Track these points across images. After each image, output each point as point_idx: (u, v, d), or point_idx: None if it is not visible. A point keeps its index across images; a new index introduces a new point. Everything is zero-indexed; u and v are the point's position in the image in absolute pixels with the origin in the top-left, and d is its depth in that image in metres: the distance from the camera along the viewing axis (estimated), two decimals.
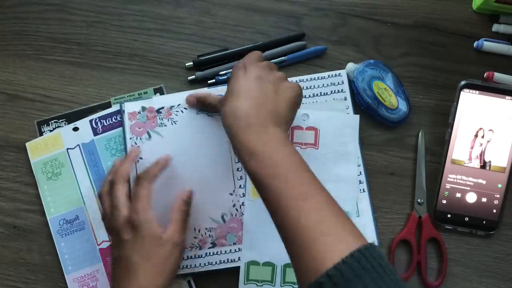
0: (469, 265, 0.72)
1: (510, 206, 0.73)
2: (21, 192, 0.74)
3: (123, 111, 0.73)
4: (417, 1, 0.78)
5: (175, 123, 0.73)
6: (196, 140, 0.72)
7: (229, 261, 0.70)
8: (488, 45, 0.75)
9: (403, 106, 0.73)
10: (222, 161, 0.72)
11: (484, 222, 0.72)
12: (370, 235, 0.70)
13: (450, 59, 0.76)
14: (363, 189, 0.72)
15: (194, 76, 0.75)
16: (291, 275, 0.70)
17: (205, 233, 0.71)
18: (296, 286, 0.61)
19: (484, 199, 0.72)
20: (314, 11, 0.77)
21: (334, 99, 0.74)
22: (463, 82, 0.73)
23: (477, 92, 0.73)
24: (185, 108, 0.73)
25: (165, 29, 0.77)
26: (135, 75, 0.76)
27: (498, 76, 0.74)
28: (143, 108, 0.73)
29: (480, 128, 0.72)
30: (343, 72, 0.74)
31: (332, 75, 0.74)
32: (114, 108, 0.75)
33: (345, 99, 0.74)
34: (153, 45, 0.77)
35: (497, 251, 0.73)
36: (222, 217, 0.71)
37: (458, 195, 0.72)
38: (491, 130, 0.72)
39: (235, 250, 0.70)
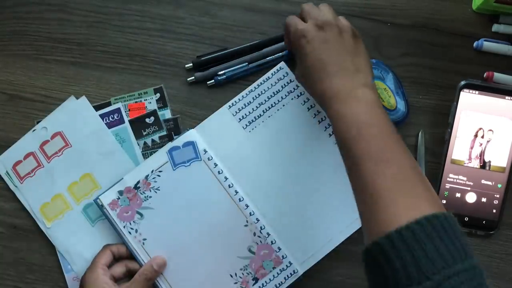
0: None
1: (510, 206, 0.73)
2: None
3: (101, 205, 0.71)
4: (417, 1, 0.78)
5: (158, 190, 0.71)
6: (187, 194, 0.71)
7: (279, 285, 0.69)
8: (488, 45, 0.75)
9: (401, 107, 0.73)
10: (221, 200, 0.71)
11: (484, 222, 0.72)
12: None
13: (450, 59, 0.76)
14: None
15: (193, 77, 0.75)
16: None
17: (243, 274, 0.69)
18: None
19: (484, 199, 0.72)
20: None
21: (288, 94, 0.74)
22: (463, 82, 0.73)
23: (477, 92, 0.73)
24: (160, 171, 0.71)
25: (165, 29, 0.77)
26: (135, 75, 0.76)
27: (498, 76, 0.74)
28: (120, 192, 0.71)
29: (480, 128, 0.73)
30: (282, 64, 0.74)
31: (274, 72, 0.74)
32: (114, 107, 0.75)
33: (297, 87, 0.74)
34: (153, 45, 0.77)
35: (497, 251, 0.73)
36: (250, 250, 0.70)
37: (458, 195, 0.72)
38: (491, 130, 0.72)
39: (277, 273, 0.69)
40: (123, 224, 0.70)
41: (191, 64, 0.75)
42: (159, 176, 0.71)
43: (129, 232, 0.70)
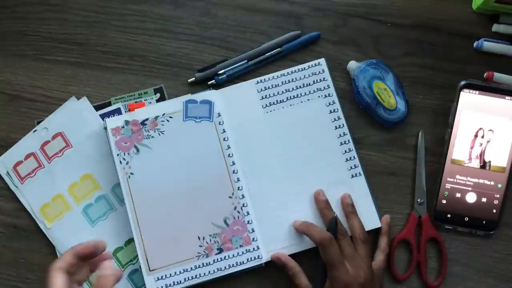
0: (469, 265, 0.72)
1: (510, 206, 0.73)
2: None
3: (105, 127, 0.72)
4: (417, 1, 0.78)
5: (163, 134, 0.72)
6: (187, 147, 0.72)
7: (239, 264, 0.69)
8: (488, 45, 0.75)
9: (401, 107, 0.73)
10: (216, 165, 0.71)
11: (484, 222, 0.72)
12: (371, 217, 0.71)
13: (450, 59, 0.76)
14: (359, 173, 0.72)
15: (194, 78, 0.75)
16: (123, 256, 0.71)
17: (210, 240, 0.70)
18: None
19: (484, 199, 0.72)
20: (314, 11, 0.77)
21: (317, 90, 0.74)
22: (463, 82, 0.73)
23: (477, 92, 0.73)
24: (170, 117, 0.72)
25: (165, 29, 0.77)
26: (135, 75, 0.76)
27: (498, 76, 0.74)
28: (126, 122, 0.72)
29: (480, 128, 0.73)
30: (322, 60, 0.75)
31: (312, 65, 0.75)
32: (114, 107, 0.75)
33: (328, 87, 0.74)
34: (153, 45, 0.77)
35: (497, 251, 0.73)
36: (225, 221, 0.70)
37: (458, 195, 0.72)
38: (491, 130, 0.72)
39: (242, 252, 0.70)
40: (118, 152, 0.71)
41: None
42: (168, 121, 0.72)
43: (120, 162, 0.71)
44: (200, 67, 0.76)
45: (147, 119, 0.72)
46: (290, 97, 0.74)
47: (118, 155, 0.71)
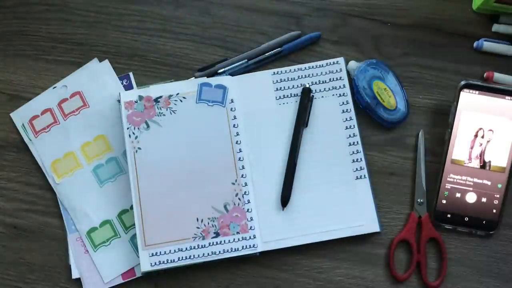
0: (469, 265, 0.72)
1: (510, 206, 0.73)
2: (21, 192, 0.74)
3: (119, 100, 0.73)
4: (417, 1, 0.78)
5: (174, 113, 0.73)
6: (196, 129, 0.73)
7: (233, 250, 0.70)
8: (488, 45, 0.75)
9: (401, 107, 0.74)
10: (223, 150, 0.72)
11: (484, 222, 0.72)
12: (371, 221, 0.71)
13: (450, 59, 0.76)
14: (364, 175, 0.72)
15: (193, 78, 0.75)
16: (128, 219, 0.72)
17: (208, 223, 0.70)
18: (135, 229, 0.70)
19: (484, 199, 0.72)
20: (314, 11, 0.78)
21: (332, 89, 0.74)
22: (463, 82, 0.73)
23: (477, 92, 0.73)
24: (184, 97, 0.73)
25: (165, 29, 0.77)
26: (135, 75, 0.76)
27: (498, 76, 0.74)
28: (140, 97, 0.73)
29: (480, 128, 0.73)
30: (340, 59, 0.75)
31: (330, 63, 0.75)
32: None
33: (344, 86, 0.74)
34: (153, 45, 0.77)
35: (497, 251, 0.73)
36: (225, 206, 0.71)
37: (458, 195, 0.72)
38: (491, 130, 0.72)
39: (238, 239, 0.70)
40: (128, 126, 0.72)
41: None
42: (181, 101, 0.73)
43: (129, 136, 0.72)
44: (200, 67, 0.76)
45: (160, 97, 0.73)
46: None
47: (128, 128, 0.72)
